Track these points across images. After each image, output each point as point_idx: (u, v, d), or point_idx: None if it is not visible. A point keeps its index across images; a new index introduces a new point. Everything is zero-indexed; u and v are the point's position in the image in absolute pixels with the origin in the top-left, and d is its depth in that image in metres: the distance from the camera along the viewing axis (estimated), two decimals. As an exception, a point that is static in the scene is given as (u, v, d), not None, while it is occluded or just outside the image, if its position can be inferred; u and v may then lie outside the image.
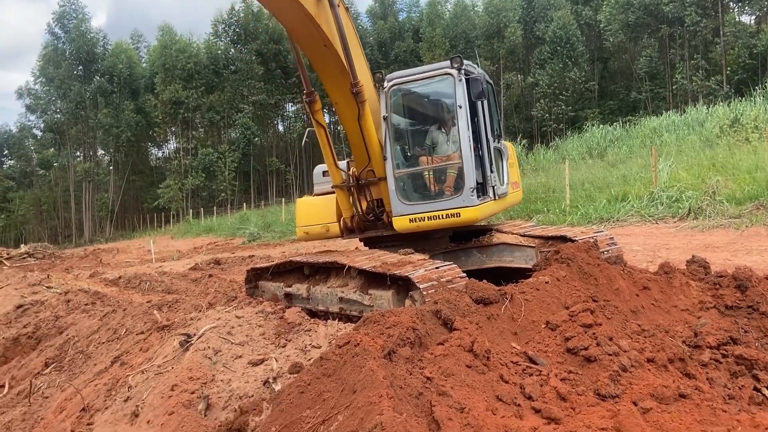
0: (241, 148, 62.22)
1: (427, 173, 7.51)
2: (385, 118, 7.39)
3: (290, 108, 73.13)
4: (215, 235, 36.76)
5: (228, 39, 65.82)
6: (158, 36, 65.30)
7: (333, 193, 8.24)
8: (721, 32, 43.42)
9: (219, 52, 64.89)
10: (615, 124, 34.70)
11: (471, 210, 7.05)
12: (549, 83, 50.24)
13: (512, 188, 8.75)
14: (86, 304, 10.54)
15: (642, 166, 20.52)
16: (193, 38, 66.85)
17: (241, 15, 64.29)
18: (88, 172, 66.14)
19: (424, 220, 7.20)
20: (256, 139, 65.29)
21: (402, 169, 7.54)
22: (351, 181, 7.82)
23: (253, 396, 4.87)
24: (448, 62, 7.30)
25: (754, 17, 49.36)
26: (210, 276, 13.72)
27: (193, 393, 5.05)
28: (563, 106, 49.55)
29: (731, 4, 46.68)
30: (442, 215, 7.11)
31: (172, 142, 73.56)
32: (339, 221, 8.11)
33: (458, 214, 7.06)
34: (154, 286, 13.64)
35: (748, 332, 4.82)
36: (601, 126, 35.04)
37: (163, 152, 78.49)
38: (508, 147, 8.88)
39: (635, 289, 5.28)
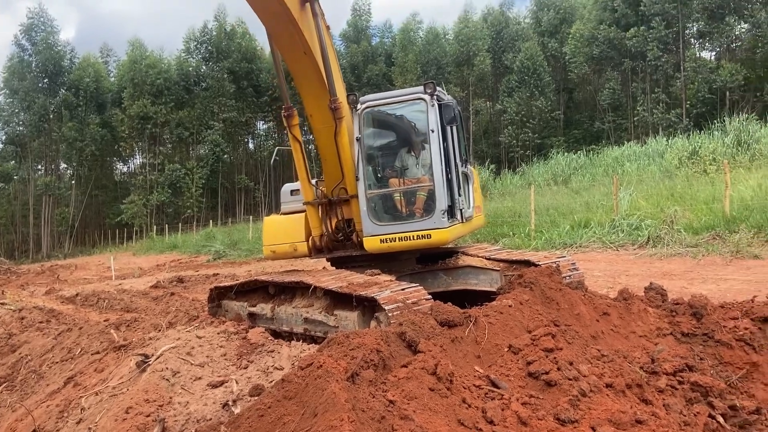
0: (209, 164, 61.62)
1: (398, 195, 7.58)
2: (358, 139, 7.47)
3: (261, 126, 72.99)
4: (179, 253, 36.12)
5: (200, 56, 65.52)
6: (128, 51, 64.62)
7: (301, 212, 8.21)
8: (682, 67, 45.05)
9: (190, 68, 64.51)
10: (579, 152, 35.54)
11: (442, 232, 7.17)
12: (516, 111, 51.32)
13: (476, 212, 8.88)
14: (41, 322, 10.22)
15: (604, 193, 21.00)
16: (164, 54, 66.42)
17: (214, 33, 64.18)
18: (48, 185, 64.48)
19: (395, 241, 7.25)
20: (226, 156, 64.79)
21: (374, 189, 7.60)
22: (323, 198, 7.83)
23: (211, 419, 4.77)
24: (421, 87, 7.43)
25: (714, 53, 51.43)
26: (172, 294, 13.43)
27: (148, 416, 4.91)
28: (530, 134, 50.60)
29: (692, 40, 48.58)
30: (413, 236, 7.19)
31: (138, 157, 72.44)
32: (307, 240, 8.06)
33: (429, 236, 7.17)
34: (113, 304, 13.30)
35: (703, 359, 4.93)
36: (566, 154, 35.87)
37: (129, 167, 77.23)
38: (473, 171, 9.03)
39: (595, 315, 5.37)
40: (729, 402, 4.43)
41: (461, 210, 7.74)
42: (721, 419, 4.33)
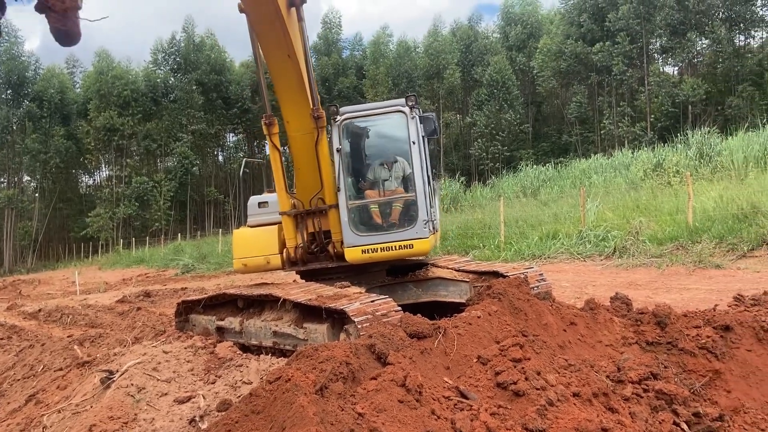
0: (178, 177, 60.78)
1: (379, 206, 7.64)
2: (338, 150, 7.48)
3: (231, 138, 72.35)
4: (147, 267, 35.46)
5: (168, 68, 64.82)
6: (95, 61, 63.54)
7: (270, 224, 8.13)
8: (646, 82, 46.20)
9: (158, 80, 63.75)
10: (548, 164, 36.10)
11: (423, 242, 7.31)
12: (486, 124, 51.91)
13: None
14: (1, 339, 9.93)
15: (572, 205, 21.33)
16: (131, 65, 65.48)
17: (182, 45, 63.60)
18: (11, 199, 62.78)
19: (377, 251, 7.32)
20: (195, 168, 64.03)
21: (355, 200, 7.61)
22: (301, 209, 7.76)
23: (177, 435, 4.68)
24: (402, 100, 7.55)
25: (677, 68, 52.95)
26: (138, 309, 13.17)
27: (113, 433, 4.80)
28: (499, 146, 51.20)
29: (656, 55, 49.93)
30: (396, 246, 7.29)
31: (104, 169, 71.10)
32: (281, 252, 7.95)
33: (411, 246, 7.29)
34: (77, 320, 12.98)
35: (667, 368, 5.02)
36: (535, 166, 36.39)
37: (94, 180, 75.70)
38: (438, 185, 9.17)
39: (563, 325, 5.44)
40: (693, 409, 4.51)
41: (434, 221, 7.84)
42: (685, 426, 4.40)
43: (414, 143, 7.39)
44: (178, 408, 5.15)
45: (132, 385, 5.41)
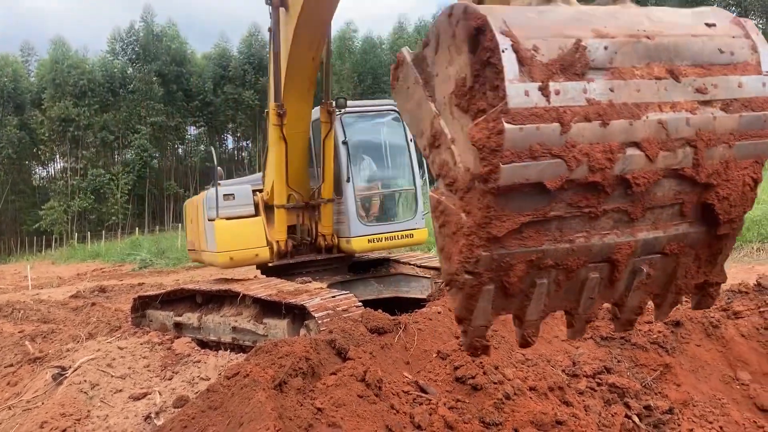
0: (136, 170, 59.42)
1: (384, 197, 8.18)
2: (344, 143, 7.63)
3: (192, 131, 71.03)
4: (102, 261, 34.58)
5: (126, 57, 63.25)
6: (50, 50, 61.51)
7: (245, 217, 7.82)
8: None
9: (115, 70, 62.11)
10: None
11: (422, 231, 8.05)
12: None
13: None
14: (-53, 334, 9.52)
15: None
16: (88, 54, 63.66)
17: (141, 34, 62.12)
18: (-41, 189, 60.52)
19: (381, 241, 7.73)
20: (154, 161, 62.70)
21: (363, 192, 7.93)
22: (301, 202, 7.73)
23: (132, 432, 4.59)
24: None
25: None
26: (93, 304, 12.81)
27: (64, 431, 4.68)
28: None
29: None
30: (399, 236, 7.84)
31: (58, 161, 69.00)
32: (270, 245, 7.73)
33: (412, 235, 7.95)
34: (29, 315, 12.55)
35: (620, 362, 5.16)
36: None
37: (48, 172, 73.40)
38: None
39: (521, 320, 5.52)
40: (644, 402, 4.64)
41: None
42: (636, 419, 4.53)
43: (411, 140, 7.90)
44: (133, 404, 5.05)
45: (85, 381, 5.28)
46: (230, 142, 72.64)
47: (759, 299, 5.90)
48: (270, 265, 7.76)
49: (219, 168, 9.83)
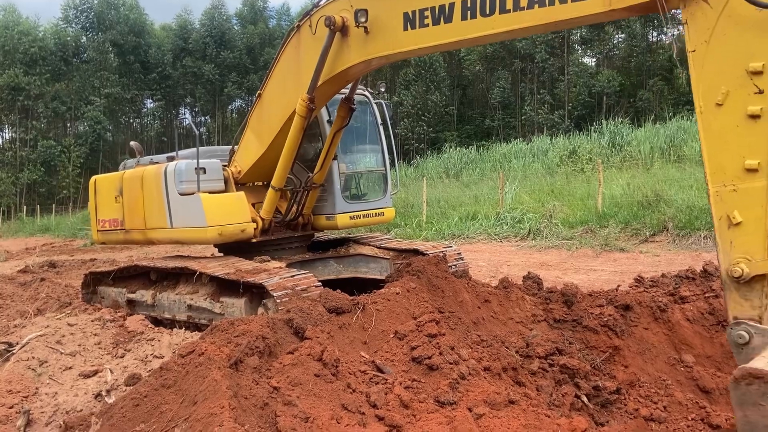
0: (89, 143, 57.50)
1: (362, 177, 8.66)
2: (329, 122, 7.72)
3: (149, 104, 69.01)
4: (52, 236, 33.50)
5: (79, 26, 60.81)
6: (-1, 15, 58.63)
7: (213, 192, 7.55)
8: (566, 71, 47.94)
9: (68, 38, 59.66)
10: (470, 147, 36.80)
11: (391, 210, 8.55)
12: (413, 104, 52.24)
13: None
14: None
15: (492, 188, 21.93)
16: (40, 21, 60.91)
17: (95, 2, 59.76)
18: None
19: (359, 218, 8.11)
20: (108, 134, 60.77)
21: (346, 171, 8.25)
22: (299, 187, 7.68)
23: (82, 410, 4.49)
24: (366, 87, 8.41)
25: (594, 60, 55.13)
26: (42, 280, 12.40)
27: (11, 408, 4.55)
28: (425, 127, 51.71)
29: (576, 45, 51.76)
30: (373, 213, 8.23)
31: (7, 131, 66.14)
32: (257, 221, 7.54)
33: (383, 213, 8.38)
34: (-26, 290, 12.10)
35: (572, 344, 5.30)
36: (458, 148, 37.01)
37: (-4, 142, 70.35)
38: None
39: (477, 302, 5.60)
40: (593, 383, 4.79)
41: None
42: (585, 399, 4.68)
43: (381, 124, 8.42)
44: (83, 382, 4.93)
45: (33, 358, 5.13)
46: (188, 117, 70.93)
47: (705, 285, 6.13)
48: (254, 241, 7.59)
49: (135, 143, 9.66)
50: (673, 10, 3.57)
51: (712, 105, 3.18)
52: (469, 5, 4.47)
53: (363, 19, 5.32)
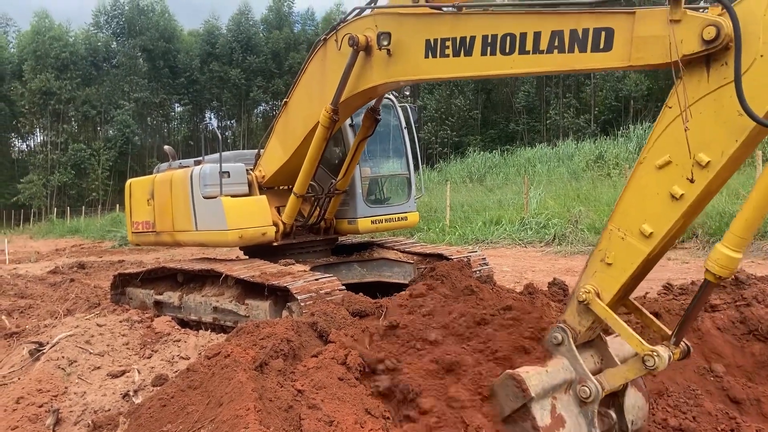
0: (118, 146, 58.63)
1: (384, 181, 8.60)
2: (351, 126, 7.73)
3: (177, 109, 70.02)
4: (82, 237, 34.23)
5: (110, 31, 62.07)
6: (33, 21, 60.02)
7: (237, 196, 7.61)
8: (592, 75, 47.41)
9: (99, 44, 60.92)
10: (494, 151, 36.65)
11: (414, 215, 8.49)
12: (436, 108, 52.18)
13: None
14: None
15: (516, 192, 21.81)
16: (71, 27, 62.32)
17: (126, 8, 60.94)
18: (-65, 160, 59.24)
19: (381, 222, 8.05)
20: (136, 138, 61.86)
21: (369, 175, 8.24)
22: (321, 194, 7.71)
23: (110, 410, 4.56)
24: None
25: (620, 64, 54.36)
26: (72, 280, 12.69)
27: (41, 406, 4.64)
28: (448, 131, 51.61)
29: (602, 50, 51.13)
30: (396, 218, 8.17)
31: (39, 134, 67.74)
32: (278, 225, 7.61)
33: (406, 218, 8.30)
34: (6, 290, 12.38)
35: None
36: (482, 153, 36.88)
37: (28, 145, 72.07)
38: None
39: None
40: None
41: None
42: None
43: (405, 128, 8.38)
44: (111, 382, 5.01)
45: (63, 357, 5.23)
46: (214, 121, 71.81)
47: (736, 293, 5.99)
48: (275, 244, 7.64)
49: (169, 147, 9.72)
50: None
51: (653, 163, 3.28)
52: (489, 41, 4.42)
53: (386, 42, 5.29)
